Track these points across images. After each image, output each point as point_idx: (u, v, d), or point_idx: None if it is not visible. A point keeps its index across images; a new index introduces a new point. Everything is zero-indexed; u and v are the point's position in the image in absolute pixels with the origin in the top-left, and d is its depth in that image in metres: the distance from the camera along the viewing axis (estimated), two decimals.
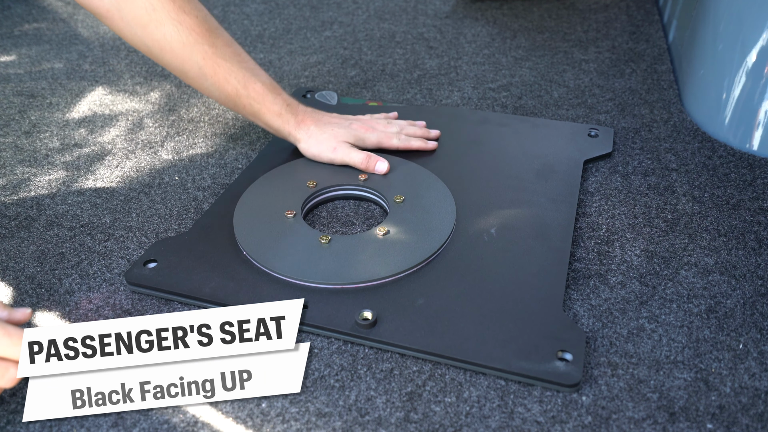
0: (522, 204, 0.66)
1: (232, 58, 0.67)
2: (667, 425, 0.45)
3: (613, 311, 0.55)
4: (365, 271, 0.57)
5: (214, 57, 0.66)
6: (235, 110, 0.71)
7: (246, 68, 0.68)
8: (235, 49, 0.68)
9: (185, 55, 0.65)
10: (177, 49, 0.65)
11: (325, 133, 0.71)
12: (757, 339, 0.52)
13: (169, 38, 0.64)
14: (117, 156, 0.80)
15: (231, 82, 0.67)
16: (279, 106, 0.70)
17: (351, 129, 0.73)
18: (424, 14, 1.21)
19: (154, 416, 0.47)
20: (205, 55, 0.65)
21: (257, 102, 0.69)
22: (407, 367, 0.50)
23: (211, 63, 0.66)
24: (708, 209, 0.66)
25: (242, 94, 0.68)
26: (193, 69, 0.66)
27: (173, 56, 0.66)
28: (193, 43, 0.65)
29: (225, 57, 0.67)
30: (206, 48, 0.65)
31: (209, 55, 0.66)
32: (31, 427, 0.47)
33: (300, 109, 0.72)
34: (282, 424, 0.46)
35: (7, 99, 0.94)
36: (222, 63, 0.66)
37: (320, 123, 0.72)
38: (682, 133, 0.80)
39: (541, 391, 0.48)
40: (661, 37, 1.06)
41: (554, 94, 0.90)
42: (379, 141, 0.73)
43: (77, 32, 1.18)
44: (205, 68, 0.66)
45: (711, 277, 0.58)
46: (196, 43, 0.65)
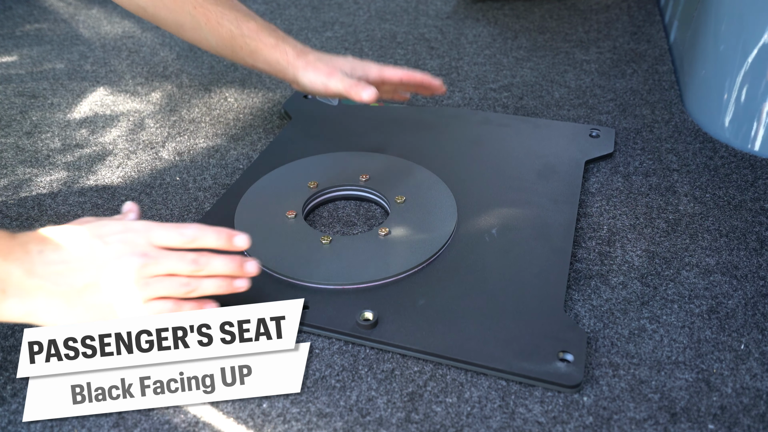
0: (523, 204, 0.66)
1: (223, 2, 0.68)
2: (669, 426, 0.45)
3: (614, 312, 0.55)
4: (366, 271, 0.57)
5: (204, 4, 0.67)
6: (234, 58, 0.71)
7: (237, 10, 0.69)
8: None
9: (177, 6, 0.67)
10: (169, 3, 0.67)
11: (323, 62, 0.68)
12: (758, 339, 0.52)
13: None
14: (118, 156, 0.80)
15: (224, 24, 0.67)
16: (275, 39, 0.69)
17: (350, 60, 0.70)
18: (426, 15, 1.21)
19: (155, 416, 0.47)
20: (195, 3, 0.67)
21: (252, 39, 0.68)
22: (408, 368, 0.50)
23: (203, 10, 0.67)
24: (709, 210, 0.66)
25: (236, 35, 0.68)
26: (187, 19, 0.68)
27: (167, 11, 0.67)
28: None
29: (215, 2, 0.68)
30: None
31: (199, 3, 0.67)
32: (32, 427, 0.47)
33: (299, 44, 0.70)
34: (283, 424, 0.46)
35: (8, 99, 0.94)
36: (212, 8, 0.67)
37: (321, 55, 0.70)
38: (684, 133, 0.79)
39: (542, 392, 0.48)
40: (662, 37, 1.06)
41: (555, 95, 0.90)
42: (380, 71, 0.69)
43: (78, 33, 1.18)
44: (197, 16, 0.67)
45: (712, 278, 0.58)
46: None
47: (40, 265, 0.45)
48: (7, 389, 0.50)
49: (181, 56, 1.06)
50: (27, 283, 0.45)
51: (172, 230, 0.48)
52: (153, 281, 0.47)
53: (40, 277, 0.45)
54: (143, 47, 1.11)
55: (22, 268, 0.45)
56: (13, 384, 0.50)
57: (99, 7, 1.29)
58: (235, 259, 0.50)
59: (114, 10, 1.28)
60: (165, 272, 0.48)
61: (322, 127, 0.82)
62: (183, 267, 0.48)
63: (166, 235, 0.48)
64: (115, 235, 0.47)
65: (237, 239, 0.50)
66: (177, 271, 0.48)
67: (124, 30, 1.18)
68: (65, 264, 0.46)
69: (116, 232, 0.48)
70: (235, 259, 0.50)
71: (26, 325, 0.47)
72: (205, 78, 0.99)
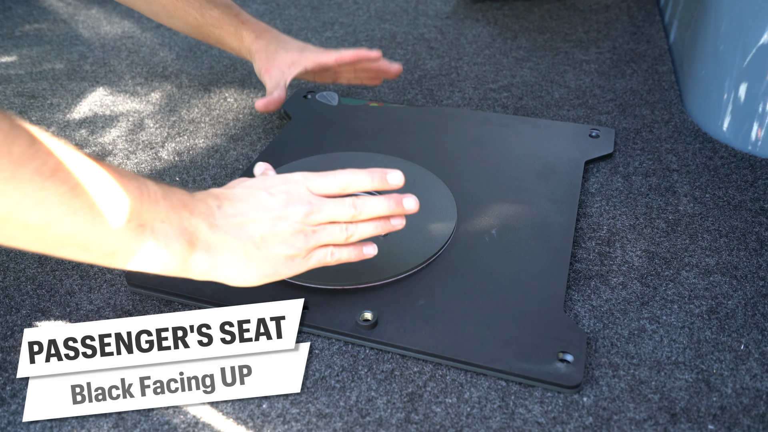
0: (523, 205, 0.66)
1: None
2: (669, 426, 0.45)
3: (614, 312, 0.55)
4: (366, 271, 0.57)
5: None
6: (208, 42, 0.78)
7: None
8: None
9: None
10: None
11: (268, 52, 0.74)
12: (758, 340, 0.52)
13: None
14: (118, 157, 0.80)
15: (191, 13, 0.73)
16: (235, 26, 0.74)
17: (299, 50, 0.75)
18: (425, 15, 1.21)
19: (155, 417, 0.47)
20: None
21: (215, 27, 0.74)
22: (408, 368, 0.50)
23: (172, 1, 0.73)
24: (709, 210, 0.66)
25: (201, 23, 0.74)
26: (160, 10, 0.74)
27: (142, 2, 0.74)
28: None
29: None
30: None
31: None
32: (32, 427, 0.47)
33: (260, 26, 0.76)
34: (283, 425, 0.46)
35: (7, 100, 0.94)
36: None
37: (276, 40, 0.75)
38: (683, 133, 0.79)
39: (542, 392, 0.48)
40: (662, 37, 1.06)
41: (555, 95, 0.90)
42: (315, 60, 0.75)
43: (78, 33, 1.18)
44: (167, 6, 0.73)
45: (712, 278, 0.58)
46: None
47: (221, 218, 0.46)
48: (7, 390, 0.50)
49: (181, 56, 1.06)
50: (212, 237, 0.45)
51: (329, 177, 0.50)
52: (317, 229, 0.48)
53: (223, 231, 0.45)
54: (143, 47, 1.11)
55: (206, 222, 0.45)
56: (13, 384, 0.50)
57: (98, 7, 1.29)
58: (391, 197, 0.51)
59: (113, 10, 1.28)
60: (327, 219, 0.49)
61: (322, 127, 0.82)
62: (343, 212, 0.49)
63: (324, 183, 0.49)
64: (278, 186, 0.49)
65: (390, 176, 0.51)
66: (338, 217, 0.49)
67: (123, 30, 1.18)
68: (242, 216, 0.46)
69: (279, 183, 0.49)
70: (392, 197, 0.51)
71: (209, 282, 0.47)
72: (205, 78, 0.98)
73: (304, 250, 0.48)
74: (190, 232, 0.44)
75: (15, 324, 0.55)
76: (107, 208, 0.40)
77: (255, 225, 0.46)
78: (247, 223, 0.46)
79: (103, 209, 0.40)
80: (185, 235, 0.44)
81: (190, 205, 0.45)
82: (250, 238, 0.46)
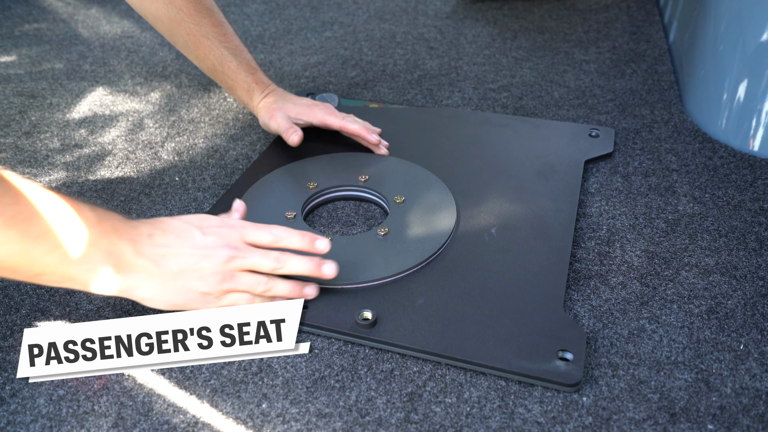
0: (523, 204, 0.66)
1: (215, 37, 0.74)
2: (668, 426, 0.45)
3: (613, 312, 0.55)
4: (365, 271, 0.57)
5: (197, 35, 0.73)
6: (220, 84, 0.82)
7: (226, 47, 0.75)
8: (222, 29, 0.75)
9: (173, 28, 0.74)
10: (166, 23, 0.74)
11: (275, 106, 0.76)
12: (757, 340, 0.52)
13: (161, 14, 0.73)
14: (117, 156, 0.80)
15: (210, 58, 0.75)
16: (248, 83, 0.76)
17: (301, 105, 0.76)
18: (425, 15, 1.21)
19: (155, 416, 0.47)
20: (189, 32, 0.73)
21: (231, 79, 0.76)
22: (407, 368, 0.50)
23: (194, 39, 0.74)
24: (708, 210, 0.66)
25: (218, 70, 0.75)
26: (180, 41, 0.75)
27: (164, 27, 0.75)
28: (180, 20, 0.73)
29: (208, 36, 0.74)
30: (191, 26, 0.73)
31: (193, 32, 0.73)
32: (31, 426, 0.47)
33: (271, 88, 0.78)
34: (282, 424, 0.46)
35: (7, 99, 0.94)
36: (204, 41, 0.74)
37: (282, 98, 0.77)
38: (683, 133, 0.79)
39: (541, 392, 0.48)
40: (661, 37, 1.06)
41: (555, 95, 0.90)
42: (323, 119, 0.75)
43: (77, 33, 1.18)
44: (189, 43, 0.74)
45: (712, 278, 0.58)
46: (183, 21, 0.73)
47: (148, 246, 0.49)
48: (7, 390, 0.50)
49: (181, 56, 1.06)
50: (134, 261, 0.48)
51: (263, 230, 0.52)
52: (237, 275, 0.51)
53: (146, 257, 0.49)
54: (142, 47, 1.11)
55: (132, 247, 0.48)
56: (13, 384, 0.50)
57: (98, 7, 1.29)
58: (313, 260, 0.53)
59: (113, 10, 1.28)
60: (249, 267, 0.51)
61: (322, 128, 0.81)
62: (266, 263, 0.51)
63: (257, 234, 0.52)
64: (213, 228, 0.52)
65: (318, 243, 0.53)
66: (260, 266, 0.51)
67: (123, 30, 1.18)
68: (168, 248, 0.49)
69: (215, 225, 0.52)
70: (314, 260, 0.53)
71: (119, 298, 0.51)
72: (205, 78, 0.98)
73: (218, 291, 0.51)
74: (116, 255, 0.47)
75: (15, 324, 0.55)
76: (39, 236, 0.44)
77: (178, 258, 0.49)
78: (171, 255, 0.49)
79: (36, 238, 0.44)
80: (111, 258, 0.47)
81: (121, 230, 0.48)
82: (168, 268, 0.49)
